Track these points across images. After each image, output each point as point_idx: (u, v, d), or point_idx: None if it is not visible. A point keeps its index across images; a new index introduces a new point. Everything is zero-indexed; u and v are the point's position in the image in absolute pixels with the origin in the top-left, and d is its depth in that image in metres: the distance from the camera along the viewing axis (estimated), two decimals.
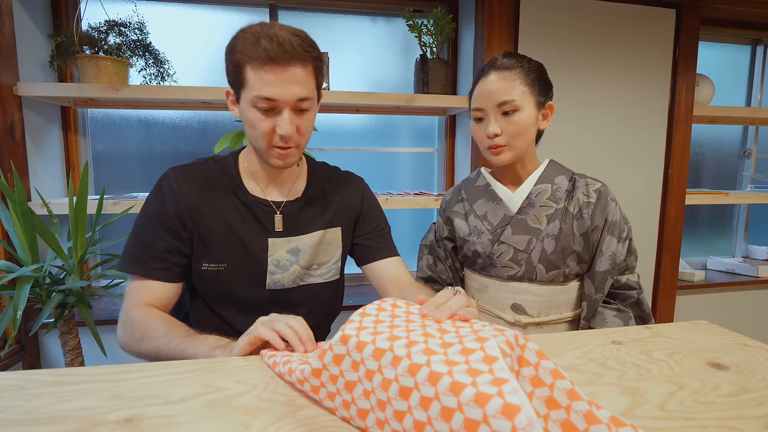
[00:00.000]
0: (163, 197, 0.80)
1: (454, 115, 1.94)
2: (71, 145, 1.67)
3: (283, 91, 0.72)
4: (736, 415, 0.46)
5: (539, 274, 0.92)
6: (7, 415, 0.45)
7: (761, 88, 2.25)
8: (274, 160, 0.79)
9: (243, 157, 0.87)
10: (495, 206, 0.96)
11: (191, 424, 0.44)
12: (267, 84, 0.71)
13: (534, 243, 0.92)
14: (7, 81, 1.38)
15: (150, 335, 0.72)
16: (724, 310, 2.09)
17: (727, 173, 2.34)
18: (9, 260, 1.36)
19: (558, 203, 0.92)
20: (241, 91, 0.75)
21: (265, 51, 0.70)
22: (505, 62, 0.89)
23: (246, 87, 0.73)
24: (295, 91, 0.73)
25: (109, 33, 1.48)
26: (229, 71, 0.76)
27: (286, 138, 0.76)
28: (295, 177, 0.89)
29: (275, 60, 0.71)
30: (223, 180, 0.84)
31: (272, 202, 0.85)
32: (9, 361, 1.41)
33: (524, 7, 1.63)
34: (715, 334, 0.69)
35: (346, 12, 1.83)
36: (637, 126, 1.79)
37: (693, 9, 1.76)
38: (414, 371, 0.37)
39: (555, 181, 0.94)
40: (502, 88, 0.87)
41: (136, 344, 0.73)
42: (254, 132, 0.77)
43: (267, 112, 0.74)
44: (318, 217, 0.89)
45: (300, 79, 0.73)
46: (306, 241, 0.87)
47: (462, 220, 1.01)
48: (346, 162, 1.92)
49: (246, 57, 0.71)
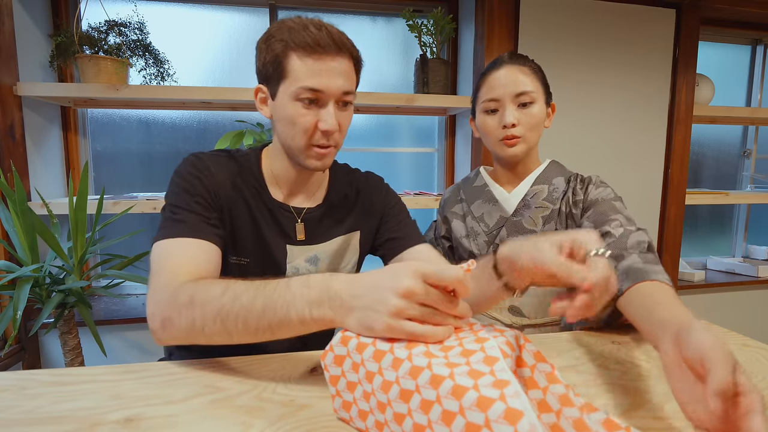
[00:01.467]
0: (199, 175, 0.73)
1: (454, 115, 1.93)
2: (71, 145, 1.67)
3: (330, 82, 0.68)
4: None
5: None
6: (7, 415, 0.45)
7: (761, 88, 2.25)
8: (311, 161, 0.73)
9: (266, 159, 0.81)
10: (491, 207, 0.95)
11: (191, 424, 0.44)
12: (314, 74, 0.67)
13: None
14: (7, 81, 1.38)
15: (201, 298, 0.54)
16: (724, 310, 2.09)
17: (727, 173, 2.34)
18: (9, 260, 1.36)
19: (554, 204, 0.91)
20: (280, 84, 0.69)
21: (313, 38, 0.66)
22: (516, 59, 0.90)
23: (287, 78, 0.68)
24: (341, 83, 0.69)
25: (109, 33, 1.48)
26: (266, 63, 0.70)
27: (330, 133, 0.71)
28: (319, 183, 0.85)
29: (325, 48, 0.67)
30: (248, 178, 0.79)
31: (293, 209, 0.80)
32: (9, 361, 1.41)
33: (524, 7, 1.63)
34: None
35: (346, 12, 1.83)
36: (637, 126, 1.79)
37: (693, 9, 1.76)
38: (415, 374, 0.36)
39: (552, 182, 0.93)
40: (520, 80, 0.87)
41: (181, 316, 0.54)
42: (293, 129, 0.71)
43: (310, 105, 0.69)
44: (338, 224, 0.85)
45: (345, 71, 0.70)
46: (325, 249, 0.83)
47: (460, 221, 1.00)
48: (346, 162, 1.92)
49: (291, 44, 0.67)
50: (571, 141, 1.73)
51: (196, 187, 0.71)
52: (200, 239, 0.67)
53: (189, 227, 0.67)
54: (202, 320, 0.53)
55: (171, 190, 0.73)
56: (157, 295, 0.59)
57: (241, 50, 1.77)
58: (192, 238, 0.66)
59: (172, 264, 0.62)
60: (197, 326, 0.54)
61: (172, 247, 0.65)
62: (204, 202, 0.71)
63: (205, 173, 0.73)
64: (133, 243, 1.69)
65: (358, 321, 0.45)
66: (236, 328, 0.52)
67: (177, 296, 0.56)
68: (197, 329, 0.54)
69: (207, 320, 0.53)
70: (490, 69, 0.92)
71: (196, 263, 0.64)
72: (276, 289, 0.51)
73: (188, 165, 0.74)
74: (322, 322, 0.49)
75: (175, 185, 0.72)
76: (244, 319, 0.51)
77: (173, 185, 0.73)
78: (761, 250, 2.28)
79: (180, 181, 0.72)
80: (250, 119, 1.69)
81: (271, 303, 0.50)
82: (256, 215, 0.78)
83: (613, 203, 0.85)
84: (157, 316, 0.57)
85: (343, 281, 0.48)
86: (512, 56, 0.91)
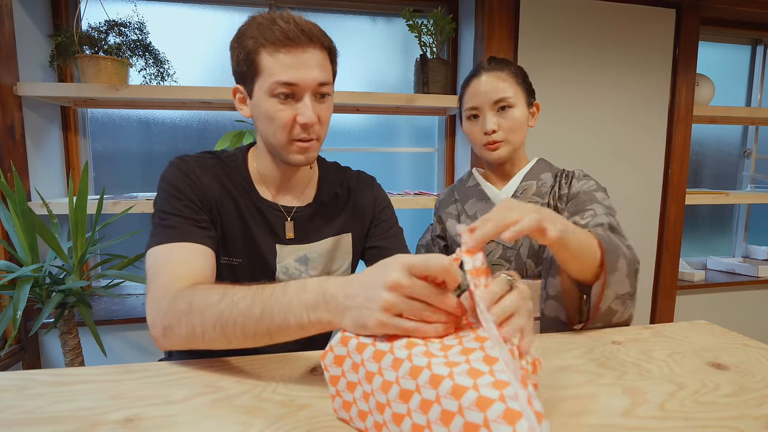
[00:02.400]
0: (185, 178, 0.73)
1: (454, 115, 1.93)
2: (71, 145, 1.67)
3: (303, 75, 0.68)
4: (736, 415, 0.46)
5: (529, 269, 0.94)
6: (7, 415, 0.45)
7: (761, 88, 2.25)
8: (294, 156, 0.73)
9: (252, 159, 0.81)
10: (484, 205, 0.99)
11: (191, 424, 0.44)
12: (286, 67, 0.67)
13: (522, 239, 0.94)
14: (7, 81, 1.38)
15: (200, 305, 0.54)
16: (724, 310, 2.09)
17: (727, 173, 2.34)
18: (9, 260, 1.36)
19: (543, 198, 0.95)
20: (255, 82, 0.70)
21: (282, 32, 0.66)
22: (494, 65, 0.95)
23: (261, 75, 0.68)
24: (315, 75, 0.68)
25: (109, 33, 1.48)
26: (239, 62, 0.70)
27: (309, 126, 0.70)
28: (307, 181, 0.84)
29: (295, 41, 0.66)
30: (236, 178, 0.78)
31: (283, 207, 0.80)
32: (9, 361, 1.41)
33: (524, 7, 1.63)
34: (715, 334, 0.69)
35: (346, 12, 1.83)
36: (637, 126, 1.79)
37: (693, 9, 1.76)
38: (415, 374, 0.37)
39: (540, 178, 0.97)
40: (497, 87, 0.92)
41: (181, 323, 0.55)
42: (272, 126, 0.71)
43: (286, 99, 0.69)
44: (329, 224, 0.84)
45: (319, 62, 0.69)
46: (315, 249, 0.82)
47: (454, 221, 1.04)
48: (346, 162, 1.92)
49: (261, 41, 0.67)
50: (570, 141, 1.73)
51: (184, 191, 0.71)
52: (193, 243, 0.67)
53: (180, 232, 0.67)
54: (202, 327, 0.54)
55: (159, 196, 0.73)
56: (156, 303, 0.59)
57: None
58: (185, 242, 0.67)
59: (168, 270, 0.63)
60: (197, 333, 0.54)
61: (166, 253, 0.65)
62: (193, 205, 0.71)
63: (192, 176, 0.73)
64: (133, 243, 1.68)
65: (353, 320, 0.45)
66: (235, 334, 0.53)
67: (176, 303, 0.56)
68: (197, 336, 0.54)
69: (206, 327, 0.53)
70: (471, 77, 0.96)
71: (192, 268, 0.64)
72: (273, 294, 0.51)
73: (174, 169, 0.74)
74: (319, 325, 0.49)
75: (162, 191, 0.72)
76: (243, 325, 0.52)
77: (161, 191, 0.73)
78: (761, 250, 2.28)
79: (167, 187, 0.72)
80: (249, 119, 1.69)
81: (269, 308, 0.51)
82: (245, 215, 0.77)
83: (594, 194, 0.88)
84: (158, 324, 0.58)
85: (339, 283, 0.48)
86: (491, 62, 0.95)
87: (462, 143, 1.86)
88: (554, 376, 0.55)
